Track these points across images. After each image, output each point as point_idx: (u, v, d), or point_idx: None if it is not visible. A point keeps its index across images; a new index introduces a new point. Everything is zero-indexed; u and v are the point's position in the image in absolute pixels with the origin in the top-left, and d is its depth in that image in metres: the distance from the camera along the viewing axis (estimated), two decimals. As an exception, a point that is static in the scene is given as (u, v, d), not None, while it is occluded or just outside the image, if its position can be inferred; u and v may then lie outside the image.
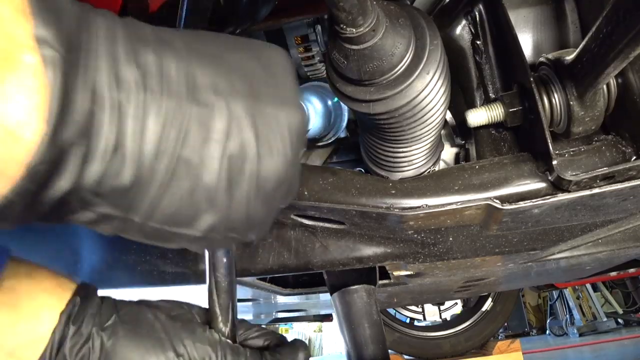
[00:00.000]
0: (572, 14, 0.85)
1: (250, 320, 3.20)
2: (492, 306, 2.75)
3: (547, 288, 5.75)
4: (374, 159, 0.79)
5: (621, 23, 0.52)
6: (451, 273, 1.11)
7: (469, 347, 2.69)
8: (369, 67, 0.59)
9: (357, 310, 1.19)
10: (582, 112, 0.69)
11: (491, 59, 0.86)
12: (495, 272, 1.23)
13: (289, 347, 0.61)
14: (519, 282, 1.85)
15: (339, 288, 1.21)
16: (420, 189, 0.78)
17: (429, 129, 0.69)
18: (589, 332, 6.12)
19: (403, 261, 0.95)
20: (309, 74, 1.05)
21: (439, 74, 0.62)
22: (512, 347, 2.34)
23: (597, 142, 0.75)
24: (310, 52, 1.00)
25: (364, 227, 0.86)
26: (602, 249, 0.99)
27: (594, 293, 6.38)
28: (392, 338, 2.66)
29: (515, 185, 0.75)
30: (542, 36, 0.88)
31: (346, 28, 0.54)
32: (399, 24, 0.59)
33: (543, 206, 0.74)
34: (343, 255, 0.93)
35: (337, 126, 0.99)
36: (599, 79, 0.62)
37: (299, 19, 0.97)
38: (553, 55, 0.74)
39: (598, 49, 0.58)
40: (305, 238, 0.94)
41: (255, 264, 0.95)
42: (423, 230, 0.84)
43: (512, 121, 0.78)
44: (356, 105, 0.65)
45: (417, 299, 2.19)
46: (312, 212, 0.84)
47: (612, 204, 0.75)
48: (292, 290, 1.49)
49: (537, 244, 0.90)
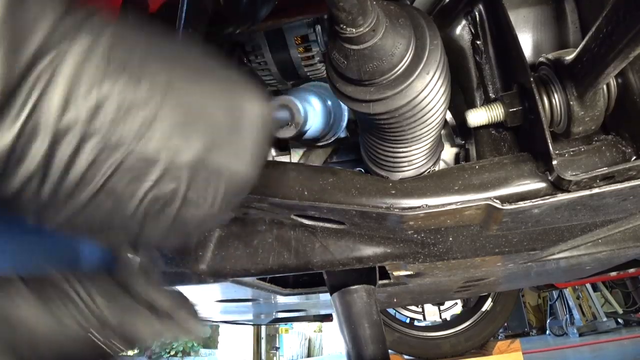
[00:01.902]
0: (572, 14, 0.85)
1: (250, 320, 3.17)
2: (492, 306, 2.75)
3: (547, 288, 5.74)
4: (374, 159, 0.79)
5: (621, 23, 0.52)
6: (451, 273, 1.11)
7: (469, 347, 2.69)
8: (369, 67, 0.59)
9: (357, 310, 1.19)
10: (582, 112, 0.69)
11: (491, 59, 0.86)
12: (495, 272, 1.23)
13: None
14: (519, 282, 1.85)
15: (339, 288, 1.21)
16: (420, 189, 0.78)
17: (429, 129, 0.69)
18: (589, 332, 6.12)
19: (403, 261, 0.95)
20: (309, 74, 1.05)
21: (439, 74, 0.62)
22: (512, 347, 2.34)
23: (597, 142, 0.75)
24: (310, 52, 1.00)
25: (364, 227, 0.86)
26: (602, 249, 0.99)
27: (594, 293, 6.38)
28: (392, 338, 2.66)
29: (515, 185, 0.75)
30: (542, 36, 0.88)
31: (346, 28, 0.54)
32: (399, 24, 0.59)
33: (543, 206, 0.74)
34: (343, 255, 0.93)
35: (337, 126, 0.99)
36: (599, 79, 0.62)
37: (299, 19, 0.97)
38: (553, 55, 0.74)
39: (598, 49, 0.58)
40: (305, 238, 0.94)
41: (255, 264, 0.95)
42: (423, 230, 0.84)
43: (512, 121, 0.78)
44: (356, 105, 0.65)
45: (417, 299, 2.19)
46: (312, 212, 0.84)
47: (612, 204, 0.75)
48: (292, 290, 1.49)
49: (537, 244, 0.90)
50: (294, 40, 0.99)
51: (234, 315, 2.47)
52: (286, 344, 11.69)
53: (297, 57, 1.01)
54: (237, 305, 1.87)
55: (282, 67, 1.03)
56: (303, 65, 1.02)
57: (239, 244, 0.95)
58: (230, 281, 1.09)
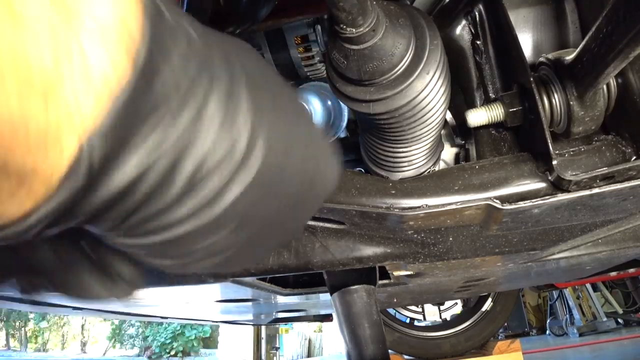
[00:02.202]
0: (572, 14, 0.85)
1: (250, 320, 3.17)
2: (492, 306, 2.75)
3: (547, 288, 5.75)
4: (374, 159, 0.79)
5: (621, 23, 0.52)
6: (451, 273, 1.11)
7: (469, 347, 2.69)
8: (369, 67, 0.59)
9: (357, 310, 1.19)
10: (582, 112, 0.69)
11: (491, 59, 0.86)
12: (495, 272, 1.23)
13: None
14: (519, 282, 1.85)
15: (339, 288, 1.21)
16: (420, 189, 0.78)
17: (429, 129, 0.69)
18: (589, 332, 6.12)
19: (403, 261, 0.95)
20: (309, 74, 1.05)
21: (439, 74, 0.62)
22: (512, 347, 2.34)
23: (597, 142, 0.75)
24: (310, 52, 1.00)
25: (364, 227, 0.86)
26: (602, 249, 0.99)
27: (594, 293, 6.38)
28: (392, 338, 2.66)
29: (515, 185, 0.75)
30: (542, 36, 0.88)
31: (346, 28, 0.54)
32: (399, 24, 0.59)
33: (543, 206, 0.74)
34: (343, 255, 0.93)
35: (337, 126, 0.99)
36: (599, 79, 0.62)
37: (299, 19, 0.97)
38: (553, 55, 0.74)
39: (598, 49, 0.58)
40: (305, 238, 0.94)
41: (256, 264, 0.95)
42: (423, 230, 0.84)
43: (512, 121, 0.78)
44: (356, 105, 0.65)
45: (417, 299, 2.19)
46: (312, 212, 0.84)
47: (612, 204, 0.76)
48: (292, 290, 1.49)
49: (537, 244, 0.90)
50: (294, 40, 0.99)
51: (234, 315, 2.48)
52: (286, 344, 11.70)
53: (297, 57, 1.01)
54: (237, 305, 1.87)
55: (282, 67, 1.03)
56: (303, 65, 1.02)
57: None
58: (230, 281, 1.09)
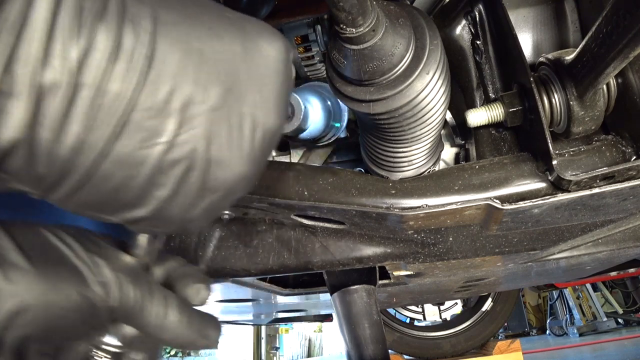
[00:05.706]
0: (572, 14, 0.85)
1: (250, 320, 3.17)
2: (492, 306, 2.75)
3: (547, 288, 5.76)
4: (374, 159, 0.79)
5: (621, 23, 0.52)
6: (451, 273, 1.11)
7: (469, 347, 2.70)
8: (369, 67, 0.59)
9: (357, 310, 1.19)
10: (582, 112, 0.69)
11: (491, 59, 0.86)
12: (495, 272, 1.23)
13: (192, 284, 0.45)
14: (519, 282, 1.85)
15: (339, 288, 1.21)
16: (420, 189, 0.78)
17: (429, 129, 0.69)
18: (589, 332, 6.12)
19: (403, 261, 0.95)
20: (309, 74, 1.05)
21: (439, 74, 0.62)
22: (512, 347, 2.34)
23: (597, 142, 0.75)
24: (310, 52, 1.00)
25: (364, 227, 0.86)
26: (602, 249, 0.99)
27: (594, 293, 6.39)
28: (392, 338, 2.66)
29: (515, 185, 0.75)
30: (542, 36, 0.88)
31: (346, 28, 0.54)
32: (398, 24, 0.59)
33: (543, 206, 0.74)
34: (343, 255, 0.93)
35: (337, 126, 0.99)
36: (599, 79, 0.62)
37: (299, 19, 0.97)
38: (553, 55, 0.74)
39: (598, 49, 0.58)
40: (305, 238, 0.94)
41: (255, 264, 0.95)
42: (423, 230, 0.84)
43: (512, 121, 0.78)
44: (356, 105, 0.65)
45: (417, 299, 2.19)
46: (312, 212, 0.84)
47: (612, 204, 0.75)
48: (292, 290, 1.49)
49: (537, 244, 0.90)
50: (294, 40, 0.99)
51: (234, 315, 2.47)
52: (286, 344, 11.69)
53: (297, 57, 1.01)
54: (237, 305, 1.87)
55: (282, 67, 1.03)
56: (303, 65, 1.02)
57: (239, 244, 0.95)
58: (230, 281, 1.09)
